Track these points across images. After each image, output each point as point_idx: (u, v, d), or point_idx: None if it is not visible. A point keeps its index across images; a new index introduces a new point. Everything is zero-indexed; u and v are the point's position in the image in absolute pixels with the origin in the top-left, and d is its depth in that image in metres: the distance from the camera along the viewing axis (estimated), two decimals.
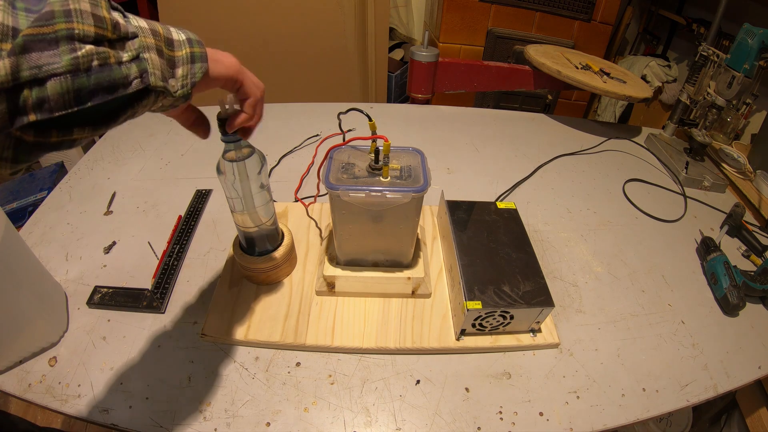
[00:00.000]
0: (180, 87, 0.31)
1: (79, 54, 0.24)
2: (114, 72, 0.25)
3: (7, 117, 0.22)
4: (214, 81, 0.35)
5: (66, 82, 0.23)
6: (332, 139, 0.94)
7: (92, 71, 0.24)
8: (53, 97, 0.23)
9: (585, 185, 0.91)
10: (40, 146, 0.24)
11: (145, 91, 0.28)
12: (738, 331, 0.63)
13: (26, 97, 0.22)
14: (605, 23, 1.82)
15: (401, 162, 0.53)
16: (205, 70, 0.33)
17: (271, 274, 0.60)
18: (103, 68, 0.25)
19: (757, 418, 0.82)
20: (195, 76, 0.32)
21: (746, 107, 0.96)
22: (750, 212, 0.90)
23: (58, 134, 0.24)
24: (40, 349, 0.53)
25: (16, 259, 0.49)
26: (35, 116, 0.23)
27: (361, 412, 0.50)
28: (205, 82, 0.34)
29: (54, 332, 0.55)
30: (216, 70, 0.34)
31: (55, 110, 0.23)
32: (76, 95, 0.24)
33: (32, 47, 0.22)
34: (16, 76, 0.22)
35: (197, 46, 0.32)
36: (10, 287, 0.48)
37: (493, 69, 1.17)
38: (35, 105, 0.23)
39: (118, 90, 0.26)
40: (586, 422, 0.51)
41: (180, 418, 0.48)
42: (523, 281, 0.56)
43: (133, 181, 0.82)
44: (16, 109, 0.22)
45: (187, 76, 0.31)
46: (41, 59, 0.22)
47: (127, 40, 0.27)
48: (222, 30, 1.49)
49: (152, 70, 0.28)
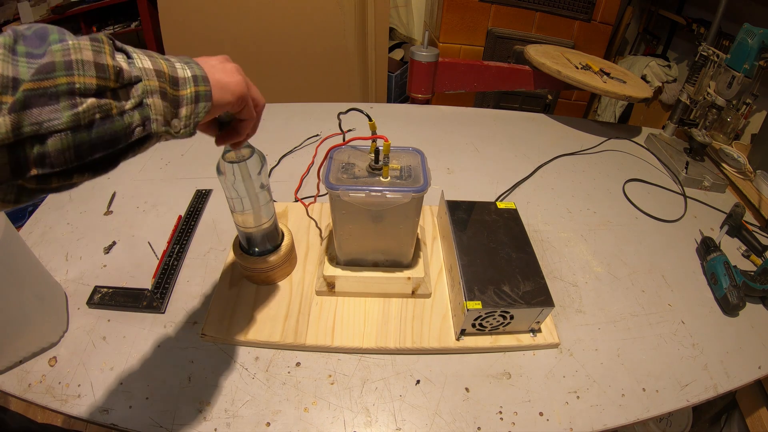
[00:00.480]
0: (183, 127, 0.30)
1: (80, 109, 0.23)
2: (116, 123, 0.25)
3: (9, 171, 0.22)
4: (218, 110, 0.34)
5: (67, 139, 0.23)
6: (332, 139, 0.94)
7: (94, 125, 0.24)
8: (54, 154, 0.23)
9: (585, 185, 0.91)
10: (41, 191, 0.25)
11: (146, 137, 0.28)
12: (738, 331, 0.63)
13: (28, 153, 0.22)
14: (605, 23, 1.82)
15: (401, 162, 0.53)
16: (209, 109, 0.32)
17: (271, 274, 0.60)
18: (104, 121, 0.24)
19: (757, 418, 0.82)
20: (198, 116, 0.31)
21: (746, 107, 0.96)
22: (750, 212, 0.90)
23: (58, 181, 0.25)
24: (40, 349, 0.53)
25: (16, 259, 0.49)
26: (36, 170, 0.23)
27: (361, 412, 0.50)
28: (209, 115, 0.33)
29: (54, 332, 0.55)
30: (223, 99, 0.33)
31: (56, 166, 0.23)
32: (76, 151, 0.24)
33: (33, 102, 0.22)
34: (18, 133, 0.22)
35: (202, 83, 0.31)
36: (10, 287, 0.48)
37: (493, 69, 1.17)
38: (36, 160, 0.23)
39: (120, 142, 0.26)
40: (586, 422, 0.51)
41: (180, 418, 0.48)
42: (523, 281, 0.56)
43: (133, 181, 0.82)
44: (18, 164, 0.22)
45: (191, 116, 0.30)
46: (42, 115, 0.22)
47: (131, 86, 0.26)
48: (222, 30, 1.49)
49: (155, 117, 0.27)
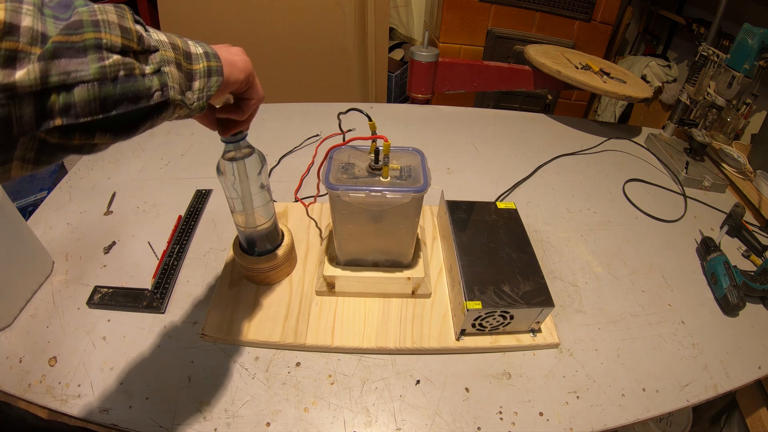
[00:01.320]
0: (196, 99, 0.31)
1: (107, 63, 0.24)
2: (138, 83, 0.26)
3: (33, 120, 0.22)
4: (229, 87, 0.35)
5: (93, 90, 0.24)
6: (332, 139, 0.94)
7: (118, 81, 0.25)
8: (80, 104, 0.23)
9: (585, 185, 0.91)
10: (62, 148, 0.25)
11: (164, 104, 0.29)
12: (738, 331, 0.63)
13: (53, 102, 0.23)
14: (605, 23, 1.82)
15: (401, 162, 0.53)
16: (220, 84, 0.33)
17: (271, 274, 0.60)
18: (128, 78, 0.25)
19: (757, 418, 0.82)
20: (210, 90, 0.32)
21: (746, 107, 0.96)
22: (750, 212, 0.90)
23: (80, 137, 0.25)
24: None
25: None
26: (61, 120, 0.23)
27: (361, 412, 0.50)
28: (220, 92, 0.35)
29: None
30: (232, 76, 0.35)
31: (81, 116, 0.24)
32: (102, 103, 0.24)
33: (61, 54, 0.22)
34: (45, 81, 0.22)
35: (214, 59, 0.33)
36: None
37: (493, 69, 1.17)
38: (62, 110, 0.23)
39: (141, 101, 0.26)
40: (586, 422, 0.51)
41: (180, 418, 0.48)
42: (523, 281, 0.56)
43: (133, 181, 0.82)
44: (43, 112, 0.22)
45: (204, 89, 0.32)
46: (70, 66, 0.23)
47: (150, 53, 0.27)
48: (222, 30, 1.49)
49: (172, 84, 0.28)
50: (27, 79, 0.21)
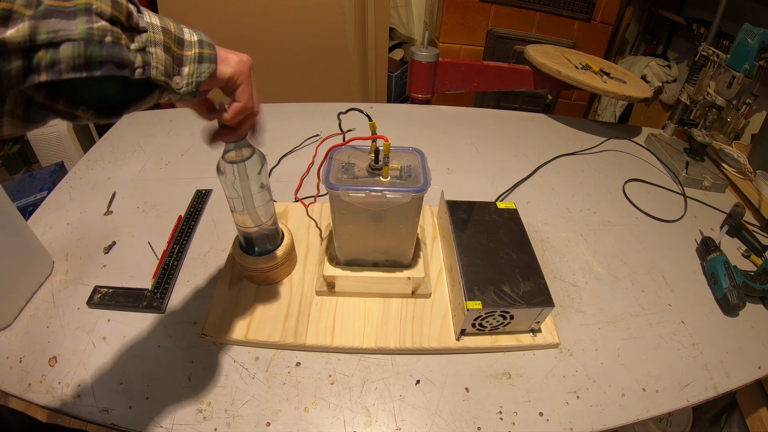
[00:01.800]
0: (185, 85, 0.32)
1: (95, 26, 0.25)
2: (123, 52, 0.27)
3: (21, 74, 0.23)
4: (218, 81, 0.36)
5: (78, 48, 0.25)
6: (332, 139, 0.94)
7: (104, 45, 0.26)
8: (65, 60, 0.24)
9: (585, 185, 0.91)
10: (47, 109, 0.26)
11: (148, 87, 0.29)
12: (738, 331, 0.63)
13: (40, 58, 0.24)
14: (605, 23, 1.82)
15: (401, 162, 0.53)
16: (212, 71, 0.34)
17: (271, 274, 0.60)
18: (114, 46, 0.26)
19: (757, 418, 0.82)
20: (201, 76, 0.33)
21: (746, 107, 0.96)
22: (750, 212, 0.90)
23: (64, 104, 0.26)
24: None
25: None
26: (46, 76, 0.24)
27: (361, 412, 0.50)
28: (211, 82, 0.35)
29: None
30: (222, 71, 0.36)
31: (65, 72, 0.24)
32: (86, 61, 0.25)
33: (52, 15, 0.24)
34: (34, 38, 0.23)
35: (207, 48, 0.33)
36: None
37: (493, 69, 1.17)
38: (48, 66, 0.24)
39: (125, 69, 0.27)
40: (586, 422, 0.51)
41: (180, 418, 0.48)
42: (523, 281, 0.56)
43: (133, 181, 0.82)
44: (30, 67, 0.24)
45: (193, 74, 0.32)
46: (59, 25, 0.24)
47: (137, 32, 0.28)
48: (222, 30, 1.49)
49: (155, 65, 0.29)
50: (17, 35, 0.23)
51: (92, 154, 0.90)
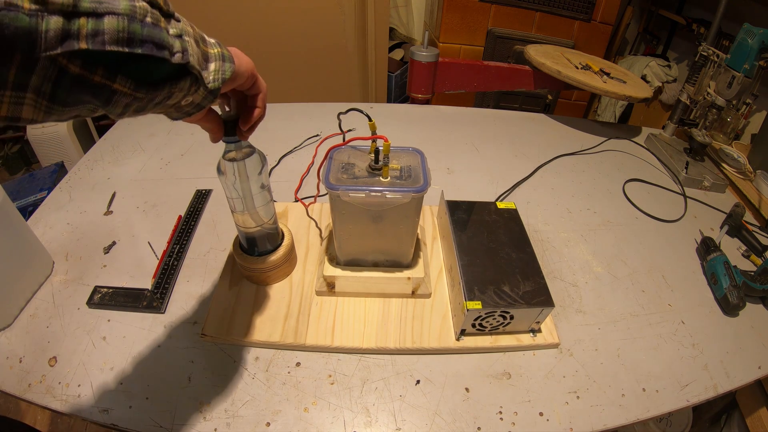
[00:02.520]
0: (212, 80, 0.33)
1: (137, 5, 0.25)
2: (163, 34, 0.27)
3: (59, 37, 0.22)
4: (237, 79, 0.37)
5: (123, 22, 0.24)
6: (332, 139, 0.94)
7: (145, 24, 0.25)
8: (109, 32, 0.24)
9: (585, 185, 0.91)
10: (81, 83, 0.24)
11: (182, 72, 0.29)
12: (738, 331, 0.63)
13: (82, 26, 0.23)
14: (605, 23, 1.82)
15: (401, 162, 0.53)
16: (233, 71, 0.35)
17: (271, 274, 0.60)
18: (154, 27, 0.26)
19: (757, 418, 0.82)
20: (225, 73, 0.34)
21: (746, 107, 0.96)
22: (750, 212, 0.90)
23: (102, 74, 0.25)
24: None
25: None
26: (86, 45, 0.23)
27: (361, 412, 0.50)
28: (231, 81, 0.36)
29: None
30: (241, 68, 0.36)
31: (108, 44, 0.24)
32: (129, 37, 0.25)
33: None
34: (78, 3, 0.22)
35: (225, 50, 0.35)
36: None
37: (493, 69, 1.17)
38: (90, 34, 0.23)
39: (165, 51, 0.27)
40: (586, 422, 0.51)
41: (180, 418, 0.48)
42: (523, 281, 0.56)
43: (133, 181, 0.82)
44: (69, 33, 0.23)
45: (219, 71, 0.33)
46: None
47: (174, 19, 0.29)
48: (222, 30, 1.49)
49: (192, 52, 0.29)
50: None
51: (92, 154, 0.90)
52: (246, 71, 0.37)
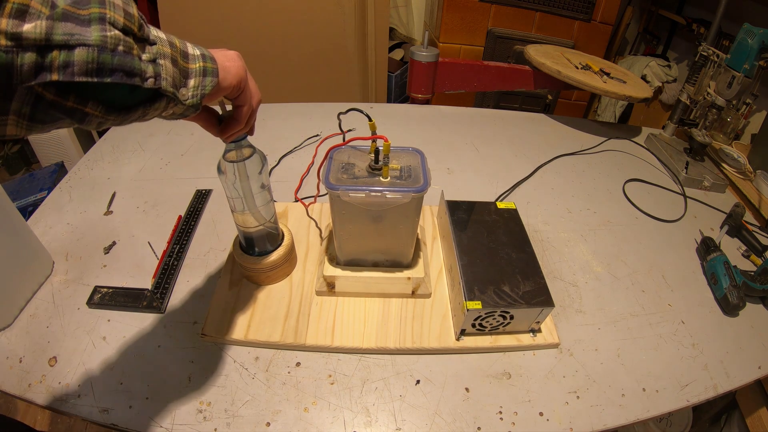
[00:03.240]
0: (191, 96, 0.33)
1: (108, 35, 0.26)
2: (134, 62, 0.27)
3: (33, 70, 0.24)
4: (222, 91, 0.37)
5: (92, 53, 0.25)
6: (332, 139, 0.94)
7: (117, 53, 0.26)
8: (78, 63, 0.25)
9: (585, 185, 0.91)
10: (56, 107, 0.26)
11: (157, 95, 0.30)
12: (738, 331, 0.63)
13: (54, 58, 0.24)
14: (605, 23, 1.82)
15: (401, 162, 0.53)
16: (215, 84, 0.35)
17: (271, 274, 0.60)
18: (126, 55, 0.27)
19: (757, 418, 0.82)
20: (205, 89, 0.34)
21: (746, 107, 0.96)
22: (750, 212, 0.90)
23: (74, 100, 0.26)
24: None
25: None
26: (58, 76, 0.24)
27: (361, 412, 0.50)
28: (214, 93, 0.36)
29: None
30: (225, 81, 0.36)
31: (77, 75, 0.25)
32: (98, 67, 0.26)
33: (68, 19, 0.25)
34: (50, 38, 0.24)
35: (210, 62, 0.35)
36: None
37: (493, 69, 1.17)
38: (61, 66, 0.24)
39: (135, 78, 0.28)
40: (586, 422, 0.51)
41: (180, 418, 0.48)
42: (523, 281, 0.56)
43: (133, 181, 0.82)
44: (42, 65, 0.24)
45: (198, 87, 0.33)
46: (74, 29, 0.25)
47: (148, 43, 0.29)
48: (222, 30, 1.49)
49: (165, 76, 0.30)
50: (34, 32, 0.23)
51: (92, 154, 0.90)
52: (231, 83, 0.37)
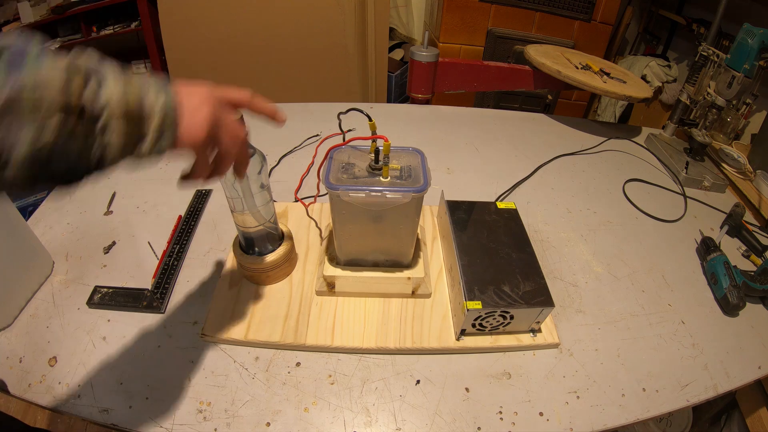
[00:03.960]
0: (148, 152, 0.30)
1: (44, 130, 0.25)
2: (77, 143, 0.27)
3: None
4: (184, 145, 0.32)
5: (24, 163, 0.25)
6: (332, 139, 0.94)
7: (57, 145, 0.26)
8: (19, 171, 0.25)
9: (585, 185, 0.91)
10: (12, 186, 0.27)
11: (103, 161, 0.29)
12: (738, 331, 0.63)
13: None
14: (605, 23, 1.82)
15: (401, 162, 0.53)
16: (171, 143, 0.31)
17: (271, 274, 0.60)
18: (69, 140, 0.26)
19: (757, 418, 0.82)
20: (161, 148, 0.31)
21: (746, 107, 0.96)
22: (750, 212, 0.90)
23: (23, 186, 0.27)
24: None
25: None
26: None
27: (361, 412, 0.50)
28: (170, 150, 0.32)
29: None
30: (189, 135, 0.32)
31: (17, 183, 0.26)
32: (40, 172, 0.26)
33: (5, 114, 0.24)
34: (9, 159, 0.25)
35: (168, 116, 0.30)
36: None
37: (493, 69, 1.17)
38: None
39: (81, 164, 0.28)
40: (586, 422, 0.51)
41: (180, 418, 0.48)
42: (523, 281, 0.56)
43: (133, 181, 0.82)
44: None
45: (155, 145, 0.30)
46: (9, 130, 0.24)
47: (93, 120, 0.27)
48: (222, 30, 1.49)
49: (112, 147, 0.28)
50: None
51: None
52: (195, 139, 0.32)
